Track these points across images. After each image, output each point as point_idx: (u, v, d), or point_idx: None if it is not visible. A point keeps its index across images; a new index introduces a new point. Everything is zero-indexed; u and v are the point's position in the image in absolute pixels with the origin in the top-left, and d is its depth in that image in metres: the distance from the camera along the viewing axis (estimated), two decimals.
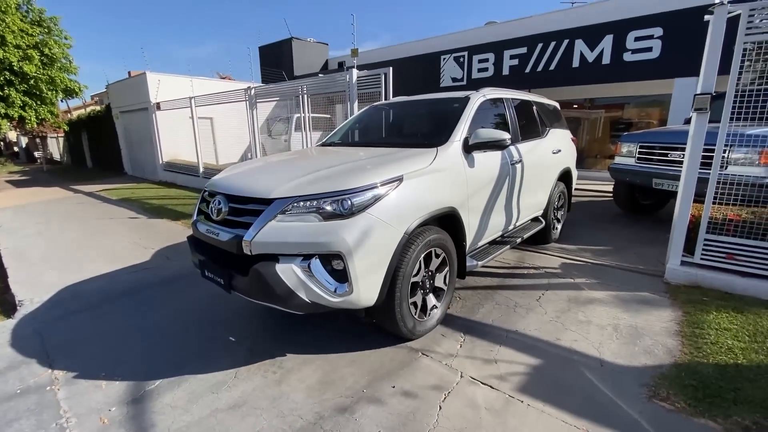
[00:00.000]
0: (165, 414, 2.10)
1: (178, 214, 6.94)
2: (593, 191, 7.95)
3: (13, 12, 11.55)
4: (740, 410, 1.90)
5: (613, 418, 1.90)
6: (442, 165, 2.68)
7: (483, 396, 2.10)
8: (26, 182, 14.20)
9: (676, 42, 7.30)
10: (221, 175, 2.77)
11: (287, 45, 15.18)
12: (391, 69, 5.44)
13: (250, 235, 2.13)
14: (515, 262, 4.10)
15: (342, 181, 2.22)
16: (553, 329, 2.72)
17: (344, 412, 2.03)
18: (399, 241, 2.26)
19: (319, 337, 2.76)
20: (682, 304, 2.98)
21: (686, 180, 3.35)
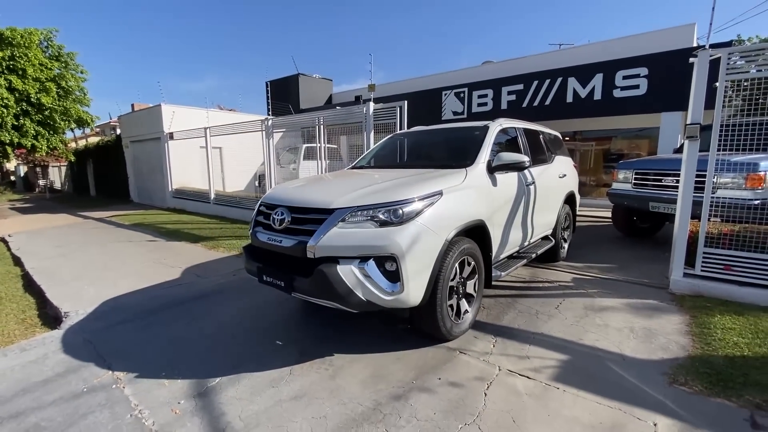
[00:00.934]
0: (232, 405, 2.30)
1: (197, 237, 7.16)
2: (590, 217, 8.37)
3: (35, 47, 12.16)
4: (750, 391, 2.16)
5: (642, 400, 2.15)
6: (472, 183, 3.03)
7: (522, 385, 2.34)
8: (30, 209, 14.31)
9: (661, 80, 8.00)
10: (278, 190, 3.09)
11: (294, 80, 15.98)
12: (406, 102, 5.93)
13: (314, 240, 2.43)
14: (529, 277, 4.39)
15: (393, 194, 2.55)
16: (575, 331, 2.98)
17: (399, 399, 2.25)
18: (441, 247, 2.57)
19: (362, 340, 2.99)
20: (689, 310, 3.28)
21: (683, 199, 3.74)
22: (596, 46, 10.45)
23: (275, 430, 2.07)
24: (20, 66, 11.37)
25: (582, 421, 2.00)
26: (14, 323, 3.67)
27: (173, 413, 2.26)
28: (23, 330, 3.54)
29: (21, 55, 11.40)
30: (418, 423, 2.05)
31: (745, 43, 20.65)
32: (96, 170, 18.18)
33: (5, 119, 10.96)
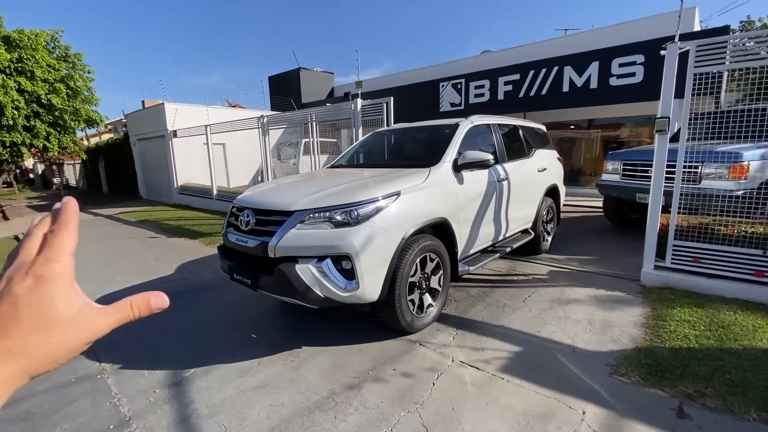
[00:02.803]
0: (201, 393, 2.50)
1: (196, 233, 7.43)
2: (587, 207, 8.34)
3: (42, 49, 12.51)
4: (686, 382, 2.26)
5: (578, 389, 2.26)
6: (434, 182, 3.14)
7: (470, 375, 2.48)
8: (46, 207, 14.88)
9: (658, 67, 7.84)
10: (247, 193, 3.25)
11: (295, 74, 16.08)
12: (392, 98, 6.00)
13: (275, 241, 2.59)
14: (507, 270, 4.49)
15: (350, 196, 2.68)
16: (535, 324, 3.10)
17: (353, 389, 2.41)
18: (397, 245, 2.70)
19: (330, 333, 3.16)
20: (652, 302, 3.35)
21: (654, 192, 3.77)
22: (593, 33, 10.26)
23: (235, 416, 2.26)
24: (28, 68, 11.74)
25: (516, 408, 2.14)
26: None
27: (148, 401, 2.47)
28: None
29: (29, 57, 11.75)
30: (365, 411, 2.22)
31: (756, 25, 19.86)
32: (107, 168, 18.73)
33: (16, 120, 11.37)
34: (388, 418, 2.14)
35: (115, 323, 0.40)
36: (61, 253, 0.38)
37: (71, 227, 0.39)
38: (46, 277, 0.36)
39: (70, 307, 0.37)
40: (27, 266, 0.36)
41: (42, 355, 0.35)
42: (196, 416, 2.29)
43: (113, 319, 0.39)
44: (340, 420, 2.15)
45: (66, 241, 0.38)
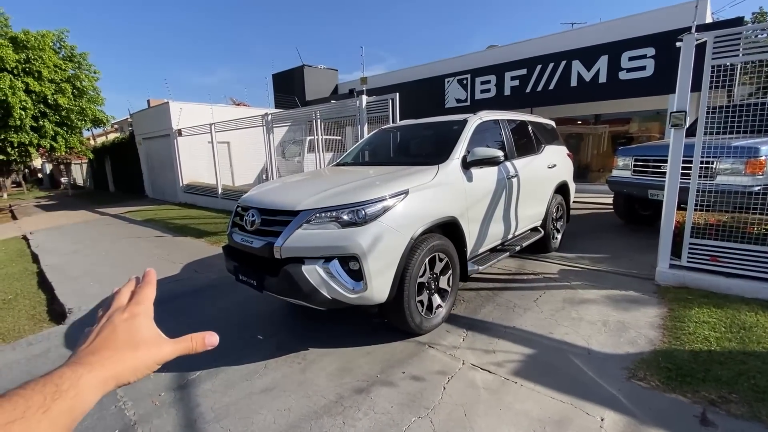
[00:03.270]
0: (207, 397, 2.45)
1: (201, 232, 7.41)
2: (597, 204, 8.21)
3: (48, 49, 12.55)
4: (708, 387, 2.17)
5: (595, 395, 2.18)
6: (442, 180, 3.06)
7: (482, 379, 2.40)
8: (54, 206, 14.99)
9: (669, 60, 7.67)
10: (252, 192, 3.20)
11: (299, 72, 16.01)
12: (398, 94, 5.91)
13: (280, 241, 2.53)
14: (516, 269, 4.40)
15: (357, 195, 2.61)
16: (547, 325, 3.01)
17: (361, 393, 2.35)
18: (406, 245, 2.62)
19: (337, 334, 3.10)
20: (669, 302, 3.25)
21: (669, 189, 3.66)
22: (601, 27, 10.05)
23: (241, 421, 2.21)
24: (36, 68, 11.78)
25: (531, 414, 2.06)
26: (25, 318, 3.94)
27: (153, 404, 2.43)
28: (32, 325, 3.80)
29: (36, 58, 11.80)
30: (374, 416, 2.15)
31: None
32: (113, 167, 18.82)
33: (24, 121, 11.42)
34: (398, 423, 2.08)
35: (179, 351, 0.52)
36: (146, 300, 0.55)
37: (152, 285, 0.57)
38: (136, 314, 0.52)
39: (151, 334, 0.51)
40: (123, 307, 0.53)
41: (128, 366, 0.47)
42: (202, 420, 2.24)
43: (178, 347, 0.52)
44: (349, 426, 2.09)
45: (149, 293, 0.56)
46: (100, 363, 0.45)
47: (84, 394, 0.41)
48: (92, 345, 0.47)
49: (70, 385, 0.41)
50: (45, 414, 0.38)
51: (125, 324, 0.50)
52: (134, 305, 0.53)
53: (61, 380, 0.41)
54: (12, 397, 0.38)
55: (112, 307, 0.53)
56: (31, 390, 0.39)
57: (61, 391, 0.40)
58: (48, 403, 0.38)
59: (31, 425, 0.37)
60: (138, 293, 0.55)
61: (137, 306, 0.53)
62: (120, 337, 0.48)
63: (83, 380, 0.42)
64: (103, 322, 0.51)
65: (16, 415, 0.36)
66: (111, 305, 0.54)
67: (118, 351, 0.47)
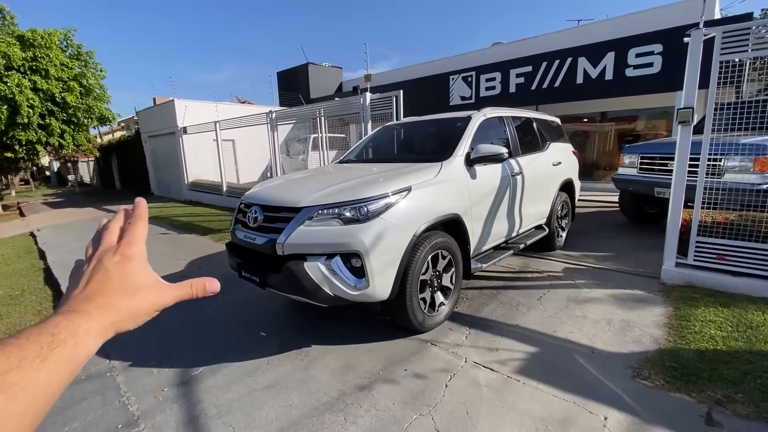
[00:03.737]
0: (210, 393, 2.46)
1: (206, 229, 7.44)
2: (602, 202, 8.14)
3: (55, 47, 12.65)
4: (714, 387, 2.14)
5: (599, 394, 2.16)
6: (446, 177, 3.04)
7: (484, 377, 2.39)
8: (61, 203, 15.14)
9: (676, 57, 7.58)
10: (255, 189, 3.20)
11: (303, 70, 16.02)
12: (402, 92, 5.89)
13: (283, 238, 2.53)
14: (520, 267, 4.38)
15: (359, 192, 2.60)
16: (551, 323, 2.99)
17: (363, 390, 2.35)
18: (408, 242, 2.61)
19: (340, 332, 3.10)
20: (674, 301, 3.21)
21: (676, 186, 3.61)
22: (608, 23, 9.95)
23: (244, 417, 2.22)
24: (42, 66, 11.87)
25: (534, 413, 2.05)
26: (31, 314, 3.98)
27: (156, 400, 2.44)
28: (38, 321, 3.82)
29: (43, 56, 11.88)
30: (376, 413, 2.15)
31: None
32: (120, 165, 18.96)
33: (32, 119, 11.52)
34: (399, 421, 2.07)
35: (179, 297, 0.49)
36: (138, 240, 0.50)
37: (143, 221, 0.51)
38: (129, 256, 0.48)
39: (147, 279, 0.48)
40: (113, 248, 0.48)
41: (127, 312, 0.45)
42: (204, 417, 2.25)
43: (178, 293, 0.49)
44: (351, 422, 2.09)
45: (141, 231, 0.51)
46: (97, 311, 0.43)
47: (83, 344, 0.40)
48: (86, 290, 0.45)
49: (68, 333, 0.39)
50: (42, 363, 0.36)
51: (118, 268, 0.46)
52: (126, 245, 0.48)
53: (57, 329, 0.39)
54: (6, 347, 0.35)
55: (102, 246, 0.49)
56: (25, 339, 0.37)
57: (58, 340, 0.38)
58: (45, 353, 0.36)
59: (29, 375, 0.35)
60: (129, 231, 0.50)
61: (129, 247, 0.48)
62: (115, 283, 0.45)
63: (81, 329, 0.40)
64: (94, 263, 0.47)
65: (11, 365, 0.34)
66: (100, 242, 0.49)
67: (114, 297, 0.44)
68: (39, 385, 0.35)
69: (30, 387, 0.35)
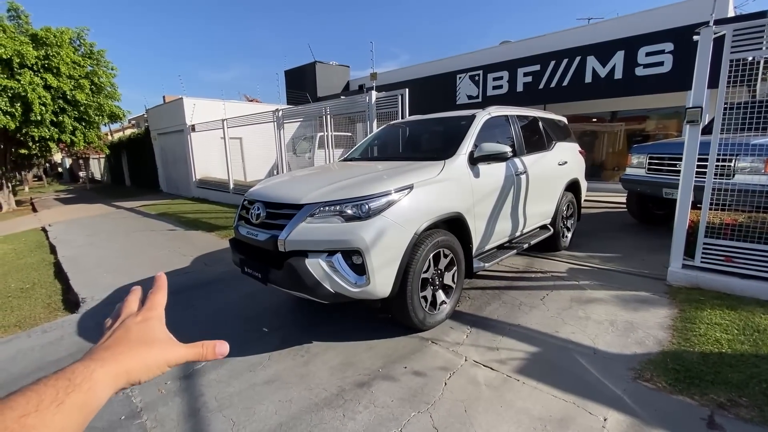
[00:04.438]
0: (211, 387, 2.49)
1: (212, 226, 7.51)
2: (611, 203, 8.05)
3: (67, 46, 12.84)
4: (717, 389, 2.11)
5: (599, 394, 2.15)
6: (448, 175, 3.03)
7: (484, 375, 2.39)
8: (72, 200, 15.40)
9: (688, 56, 7.45)
10: (258, 186, 3.22)
11: (311, 68, 16.06)
12: (407, 90, 5.88)
13: (284, 234, 2.54)
14: (524, 266, 4.35)
15: (361, 189, 2.61)
16: (553, 324, 2.97)
17: (362, 386, 2.36)
18: (410, 240, 2.61)
19: (341, 328, 3.11)
20: (680, 303, 3.17)
21: (683, 187, 3.56)
22: (618, 22, 9.82)
23: (244, 410, 2.24)
24: (55, 64, 12.06)
25: (532, 413, 2.04)
26: (41, 307, 4.06)
27: (159, 393, 2.48)
28: (47, 314, 3.91)
29: (55, 54, 12.07)
30: (374, 409, 2.16)
31: None
32: (129, 162, 19.22)
33: (44, 116, 11.72)
34: (398, 417, 2.08)
35: (191, 356, 0.53)
36: (158, 306, 0.57)
37: (163, 291, 0.59)
38: (149, 318, 0.54)
39: (163, 336, 0.53)
40: (135, 313, 0.54)
41: (141, 362, 0.48)
42: (206, 409, 2.28)
43: (190, 352, 0.53)
44: (349, 418, 2.10)
45: (160, 299, 0.58)
46: (113, 358, 0.46)
47: (97, 389, 0.42)
48: (106, 343, 0.48)
49: (83, 378, 0.41)
50: (59, 408, 0.38)
51: (139, 326, 0.51)
52: (147, 310, 0.54)
53: (74, 375, 0.41)
54: (25, 392, 0.38)
55: (123, 314, 0.54)
56: (43, 385, 0.39)
57: (74, 384, 0.40)
58: (61, 397, 0.38)
59: (45, 418, 0.36)
60: (150, 299, 0.57)
61: (150, 311, 0.54)
62: (133, 336, 0.49)
63: (96, 374, 0.42)
64: (117, 325, 0.52)
65: (29, 409, 0.36)
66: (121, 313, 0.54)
67: (131, 347, 0.48)
68: (54, 428, 0.37)
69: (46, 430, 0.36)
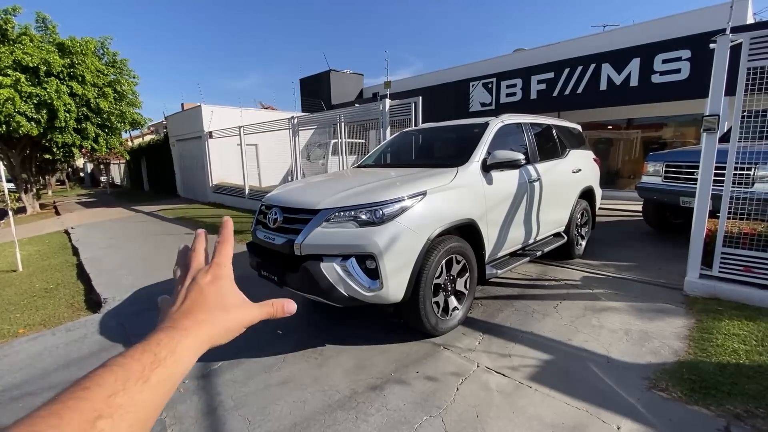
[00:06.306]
0: (228, 386, 2.56)
1: None
2: (626, 211, 7.94)
3: (91, 54, 13.34)
4: (734, 401, 2.08)
5: (613, 403, 2.14)
6: (462, 182, 3.07)
7: (496, 382, 2.40)
8: (93, 203, 15.85)
9: (706, 63, 7.35)
10: (276, 192, 3.31)
11: (325, 76, 16.32)
12: (420, 98, 5.95)
13: (300, 238, 2.61)
14: (537, 274, 4.34)
15: (375, 195, 2.67)
16: (566, 332, 2.96)
17: (375, 390, 2.39)
18: (423, 245, 2.65)
19: (354, 332, 3.16)
20: (697, 313, 3.12)
21: (700, 196, 3.52)
22: (634, 29, 9.76)
23: (259, 410, 2.30)
24: (79, 73, 12.53)
25: (544, 419, 2.04)
26: (65, 307, 4.21)
27: (178, 391, 2.55)
28: (71, 313, 4.05)
29: (80, 63, 12.55)
30: (387, 412, 2.19)
31: None
32: (149, 167, 19.74)
33: (68, 122, 12.17)
34: (410, 421, 2.10)
35: (263, 315, 0.53)
36: (226, 260, 0.54)
37: (230, 242, 0.57)
38: (219, 275, 0.52)
39: (237, 297, 0.52)
40: (205, 269, 0.52)
41: (221, 327, 0.47)
42: (222, 408, 2.34)
43: (263, 311, 0.53)
44: (362, 420, 2.14)
45: (228, 251, 0.56)
46: (195, 326, 0.45)
47: (181, 360, 0.42)
48: (183, 307, 0.48)
49: (168, 351, 0.41)
50: (146, 384, 0.37)
51: (212, 286, 0.50)
52: (216, 267, 0.52)
53: (159, 348, 0.41)
54: (112, 367, 0.37)
55: (193, 268, 0.53)
56: (130, 358, 0.38)
57: (159, 359, 0.39)
58: (147, 373, 0.38)
59: (134, 396, 0.36)
60: (218, 252, 0.55)
61: (219, 268, 0.52)
62: (210, 300, 0.49)
63: (180, 346, 0.42)
64: (188, 283, 0.51)
65: (117, 387, 0.35)
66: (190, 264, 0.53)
67: (211, 313, 0.47)
68: (143, 405, 0.37)
69: (134, 408, 0.36)
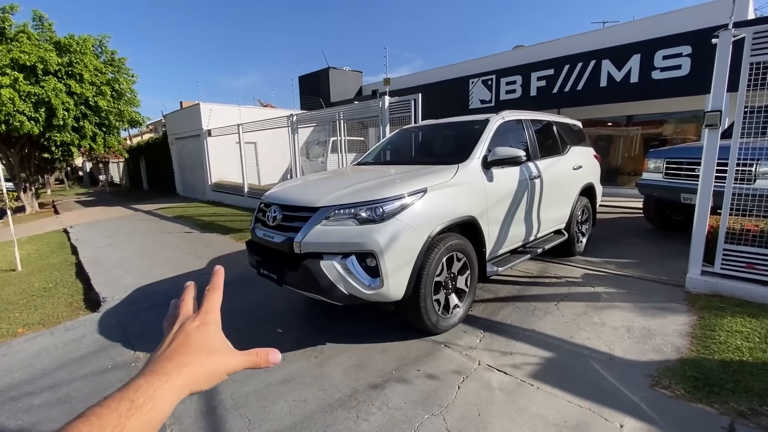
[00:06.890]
0: (227, 385, 2.54)
1: (227, 229, 7.64)
2: (627, 208, 7.93)
3: (89, 53, 13.26)
4: (738, 398, 2.07)
5: (615, 401, 2.12)
6: (462, 179, 3.05)
7: (497, 380, 2.38)
8: (92, 202, 15.82)
9: (706, 59, 7.32)
10: (275, 189, 3.29)
11: (324, 74, 16.26)
12: (420, 95, 5.92)
13: (300, 236, 2.59)
14: (538, 272, 4.32)
15: (375, 192, 2.64)
16: (568, 329, 2.94)
17: (375, 388, 2.37)
18: (423, 243, 2.63)
19: (354, 331, 3.14)
20: (699, 310, 3.11)
21: (702, 192, 3.50)
22: (634, 25, 9.71)
23: (259, 409, 2.28)
24: (78, 71, 12.46)
25: (547, 418, 2.03)
26: (64, 306, 4.19)
27: None
28: (70, 312, 4.03)
29: (78, 61, 12.48)
30: (388, 411, 2.17)
31: None
32: (147, 166, 19.68)
33: (66, 121, 12.11)
34: (411, 420, 2.09)
35: (248, 364, 0.53)
36: (214, 308, 0.56)
37: (219, 290, 0.59)
38: (206, 321, 0.53)
39: (222, 343, 0.52)
40: (192, 316, 0.54)
41: (203, 371, 0.47)
42: (222, 408, 2.32)
43: (247, 359, 0.53)
44: (362, 419, 2.12)
45: (216, 300, 0.57)
46: (176, 370, 0.45)
47: (160, 406, 0.41)
48: (167, 351, 0.48)
49: (146, 398, 0.41)
50: None
51: (197, 331, 0.51)
52: (203, 314, 0.54)
53: (137, 395, 0.41)
54: (89, 418, 0.38)
55: (182, 316, 0.54)
56: (106, 408, 0.39)
57: (136, 407, 0.40)
58: (123, 422, 0.38)
59: None
60: (207, 299, 0.56)
61: (207, 315, 0.54)
62: (195, 343, 0.49)
63: (159, 392, 0.42)
64: (176, 329, 0.51)
65: None
66: (178, 314, 0.55)
67: (193, 356, 0.47)
68: None
69: None
